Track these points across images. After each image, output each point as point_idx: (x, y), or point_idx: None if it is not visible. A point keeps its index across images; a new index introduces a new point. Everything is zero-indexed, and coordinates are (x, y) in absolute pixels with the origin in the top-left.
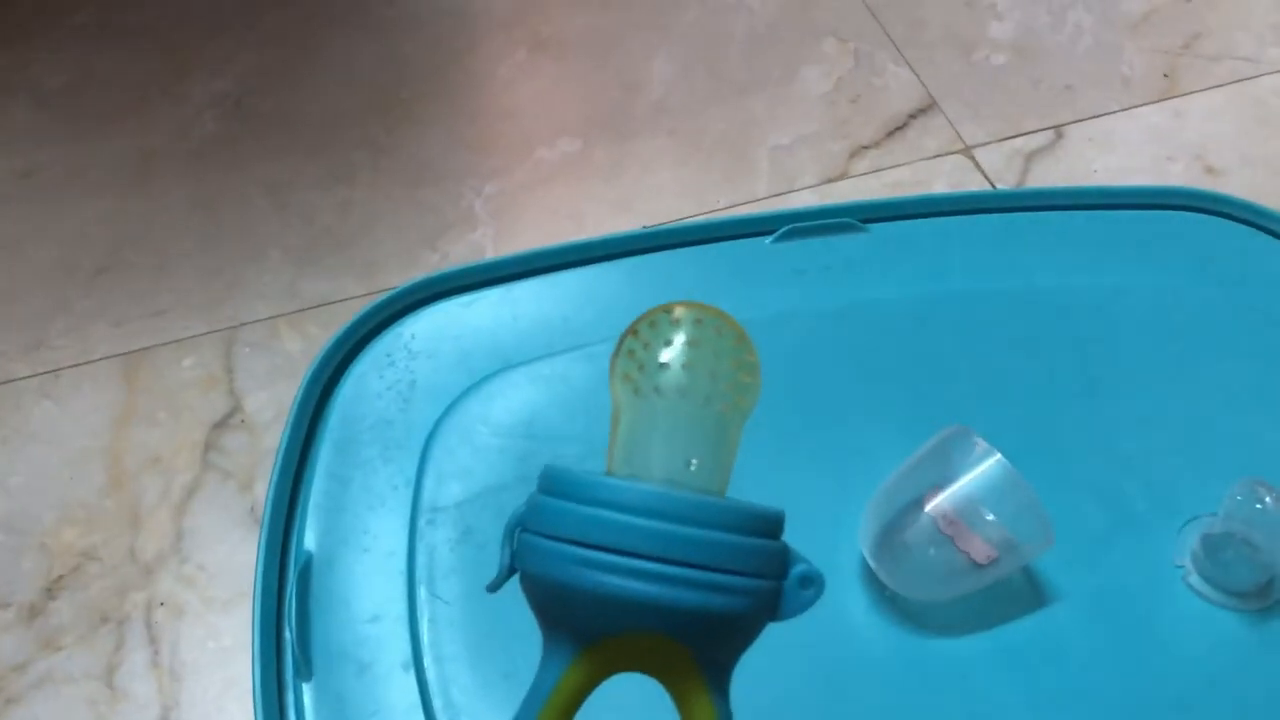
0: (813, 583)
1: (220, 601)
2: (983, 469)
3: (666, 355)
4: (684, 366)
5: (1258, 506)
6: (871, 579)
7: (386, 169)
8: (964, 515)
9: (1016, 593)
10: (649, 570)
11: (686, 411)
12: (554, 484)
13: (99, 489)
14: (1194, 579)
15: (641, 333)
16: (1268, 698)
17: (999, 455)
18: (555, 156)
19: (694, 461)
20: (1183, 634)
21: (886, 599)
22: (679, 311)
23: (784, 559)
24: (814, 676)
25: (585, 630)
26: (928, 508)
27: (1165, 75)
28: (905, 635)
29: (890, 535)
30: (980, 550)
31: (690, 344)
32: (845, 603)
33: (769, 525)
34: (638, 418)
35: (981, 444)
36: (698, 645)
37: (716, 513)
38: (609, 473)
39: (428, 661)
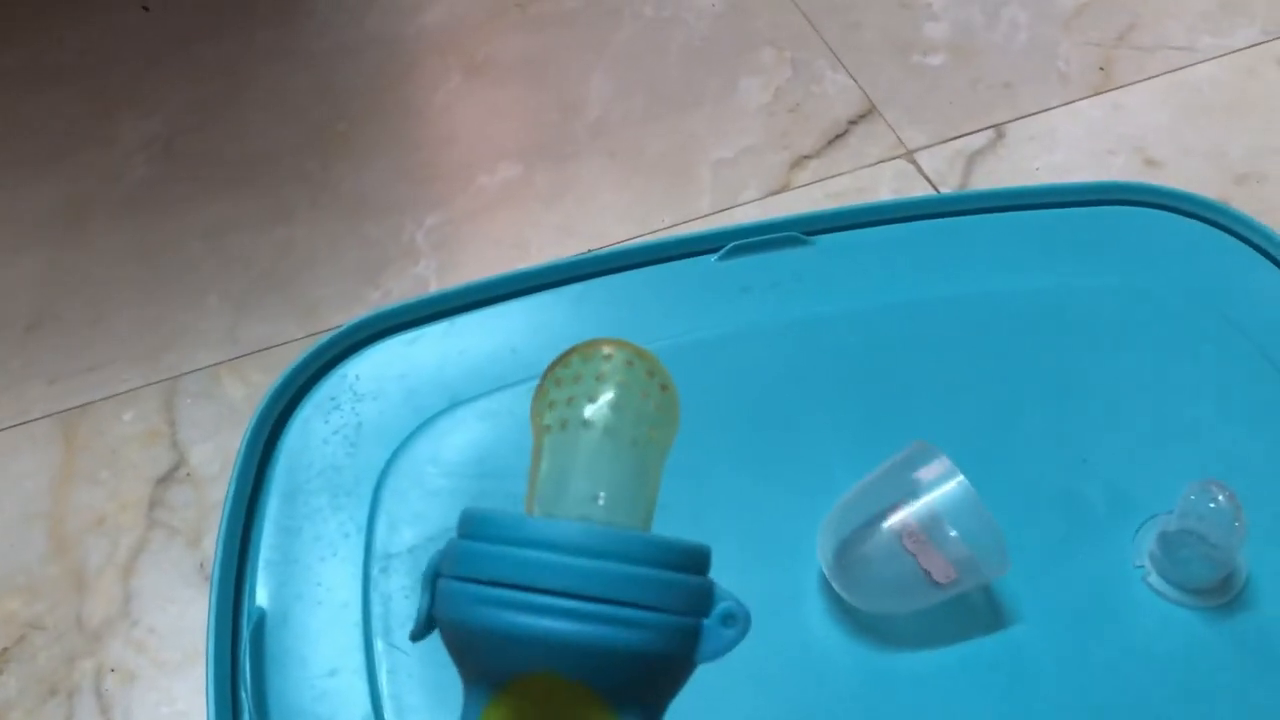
0: (736, 621)
1: (173, 664)
2: (946, 489)
3: (574, 392)
4: (590, 401)
5: (1211, 505)
6: (829, 593)
7: (325, 205)
8: (929, 532)
9: (976, 599)
10: (540, 604)
11: (595, 446)
12: (466, 526)
13: (41, 555)
14: (1153, 579)
15: (555, 372)
16: (1230, 693)
17: (961, 476)
18: (496, 183)
19: (602, 495)
20: (1145, 634)
21: (844, 612)
22: (590, 349)
23: (704, 596)
24: (770, 690)
25: (491, 672)
26: (891, 523)
27: (1101, 68)
28: (863, 648)
29: (850, 549)
30: (941, 569)
31: (598, 378)
32: (803, 617)
33: (684, 558)
34: (549, 455)
35: (945, 462)
36: (606, 687)
37: (620, 544)
38: (526, 513)
39: (388, 713)
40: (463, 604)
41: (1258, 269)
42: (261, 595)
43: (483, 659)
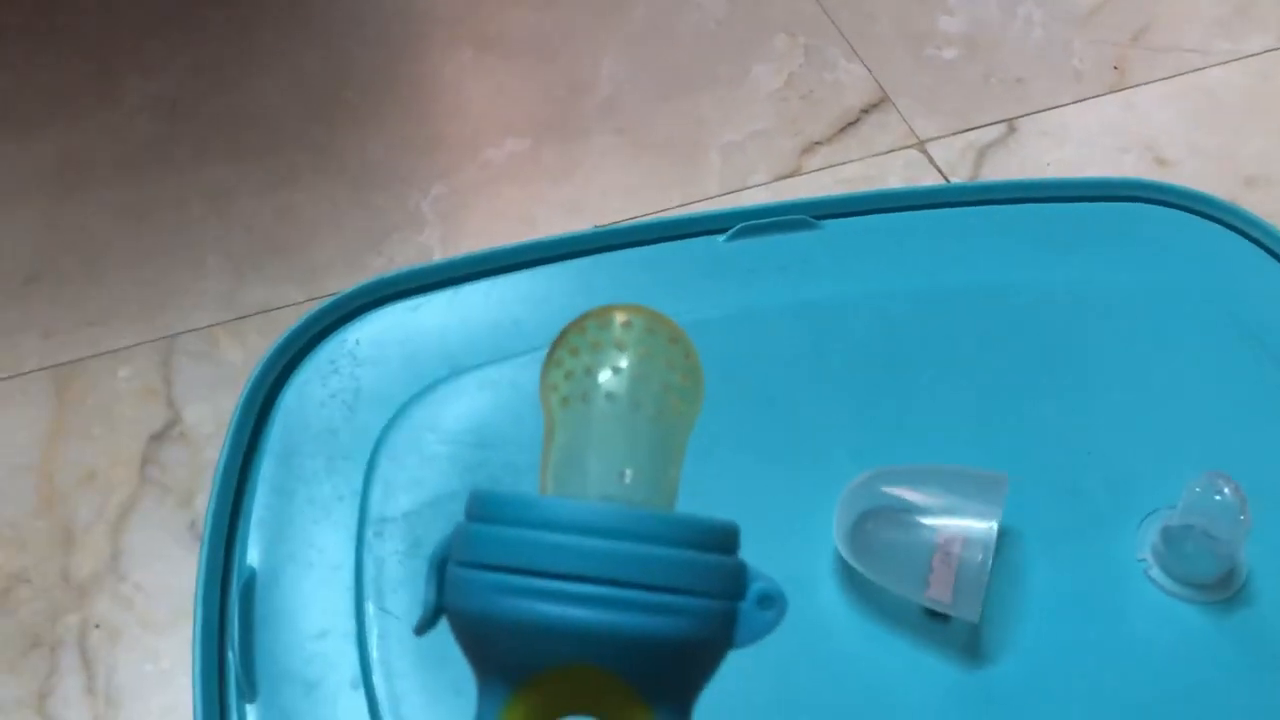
0: (774, 602)
1: (159, 622)
2: (985, 525)
3: (592, 360)
4: (612, 371)
5: (1216, 498)
6: (841, 574)
7: (330, 171)
8: (961, 561)
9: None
10: (572, 592)
11: (616, 419)
12: (476, 508)
13: (30, 508)
14: (1155, 572)
15: (569, 339)
16: (1231, 688)
17: (996, 523)
18: (503, 157)
19: (628, 473)
20: (1146, 627)
21: (855, 591)
22: (607, 315)
23: (738, 577)
24: (777, 667)
25: (513, 667)
26: (937, 525)
27: (1115, 67)
28: (874, 626)
29: (880, 519)
30: (943, 592)
31: (617, 347)
32: (814, 598)
33: (718, 538)
34: (567, 431)
35: (1001, 503)
36: (640, 679)
37: (651, 525)
38: (541, 493)
39: (377, 678)
40: (481, 593)
41: (1265, 269)
42: (252, 555)
43: (503, 653)
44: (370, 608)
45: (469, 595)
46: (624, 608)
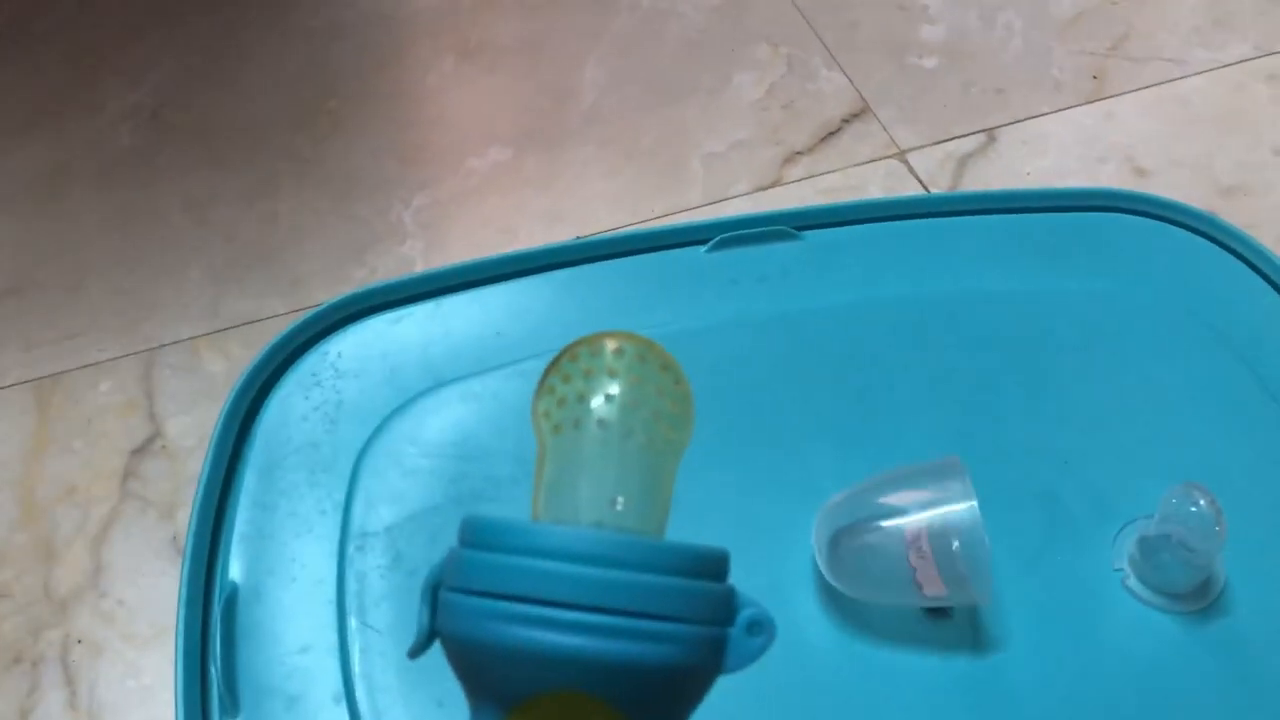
0: (763, 628)
1: (141, 638)
2: (960, 508)
3: (584, 387)
4: (604, 398)
5: (1192, 509)
6: (817, 585)
7: (312, 181)
8: (936, 551)
9: (941, 604)
10: (563, 619)
11: (607, 446)
12: (469, 533)
13: (10, 522)
14: (1132, 582)
15: (562, 366)
16: (1206, 697)
17: (974, 502)
18: (486, 166)
19: (619, 500)
20: (1123, 637)
21: (831, 603)
22: (598, 342)
23: (728, 603)
24: (755, 676)
25: (504, 692)
26: (903, 526)
27: (1094, 77)
28: (849, 638)
29: (850, 537)
30: (934, 586)
31: (609, 374)
32: (791, 611)
33: (708, 565)
34: (559, 457)
35: (968, 484)
36: (630, 705)
37: (641, 553)
38: (534, 520)
39: (360, 693)
40: (474, 619)
41: (1241, 278)
42: (234, 570)
43: (496, 677)
44: (352, 622)
45: (461, 620)
46: (614, 635)
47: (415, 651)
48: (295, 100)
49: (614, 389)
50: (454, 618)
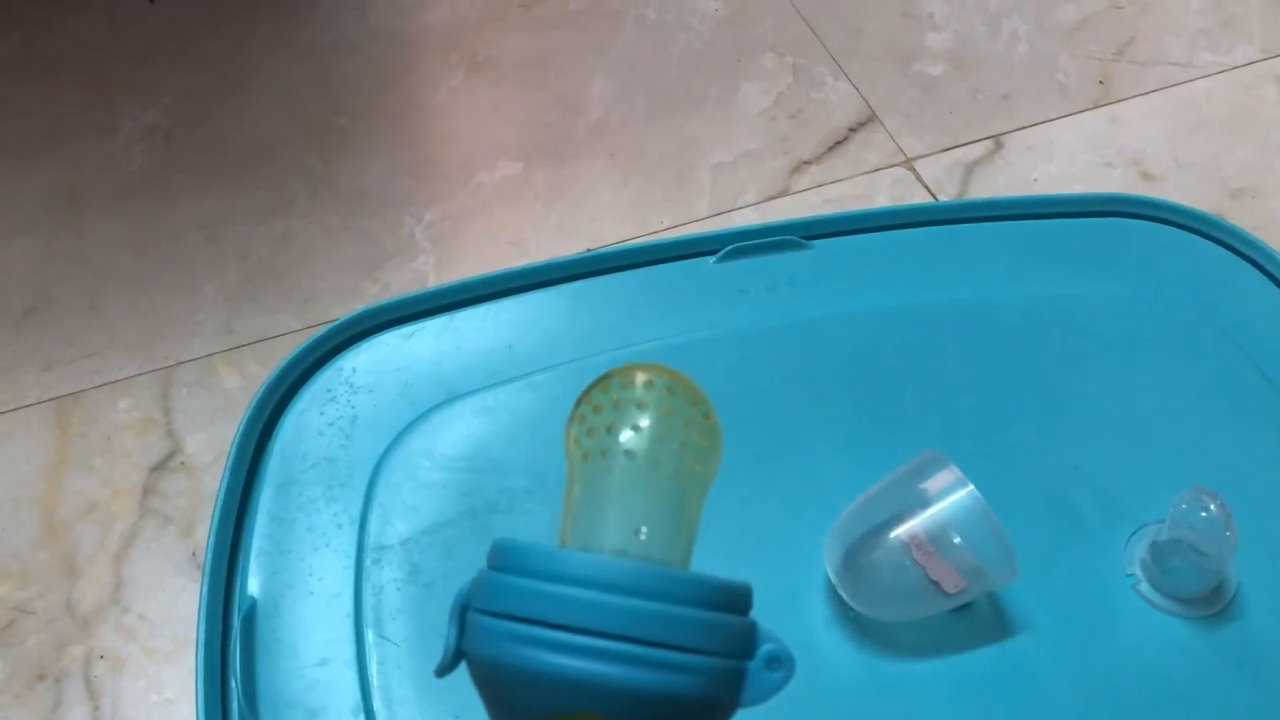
0: (781, 664)
1: (163, 652)
2: (955, 498)
3: (613, 419)
4: (632, 429)
5: (1203, 514)
6: (832, 597)
7: (324, 198)
8: (937, 542)
9: (972, 605)
10: (585, 646)
11: (635, 476)
12: (498, 557)
13: (33, 540)
14: (1144, 587)
15: (593, 396)
16: (1218, 703)
17: (971, 486)
18: (496, 180)
19: (644, 530)
20: (1135, 642)
21: (848, 617)
22: (630, 373)
23: (748, 637)
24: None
25: (525, 713)
26: (900, 532)
27: (1100, 82)
28: (862, 653)
29: (857, 556)
30: (950, 579)
31: (639, 406)
32: (809, 622)
33: (730, 599)
34: (587, 485)
35: (955, 472)
36: None
37: (665, 583)
38: (561, 545)
39: (377, 705)
40: (498, 641)
41: (1251, 282)
42: (253, 584)
43: (518, 699)
44: (370, 635)
45: (486, 642)
46: (635, 663)
47: (442, 670)
48: (306, 118)
49: (643, 421)
50: (479, 639)
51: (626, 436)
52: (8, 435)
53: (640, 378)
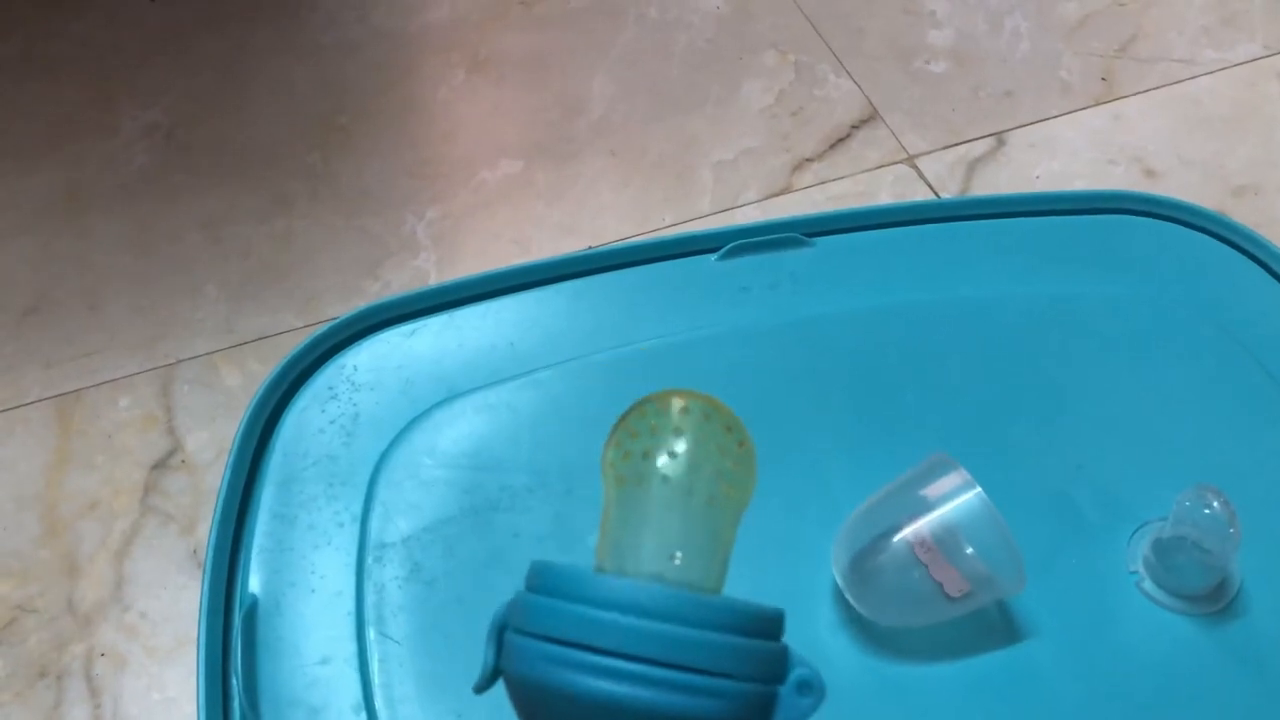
0: (812, 689)
1: (164, 650)
2: (962, 501)
3: (650, 444)
4: (668, 455)
5: (1206, 511)
6: (838, 601)
7: (325, 197)
8: (942, 545)
9: (976, 605)
10: (619, 669)
11: (670, 502)
12: (536, 579)
13: (34, 538)
14: (1148, 584)
15: (629, 422)
16: (1223, 700)
17: (979, 489)
18: (497, 179)
19: (679, 555)
20: (1139, 640)
21: (854, 621)
22: (666, 400)
23: (780, 662)
24: None
25: None
26: (904, 535)
27: (1103, 79)
28: (868, 656)
29: (864, 560)
30: (954, 583)
31: (674, 432)
32: (814, 626)
33: (762, 624)
34: (623, 509)
35: (963, 474)
36: None
37: (698, 609)
38: (597, 567)
39: (379, 703)
40: (535, 663)
41: (1254, 279)
42: (254, 582)
43: (551, 717)
44: (371, 633)
45: (521, 662)
46: (670, 688)
47: (480, 688)
48: (307, 117)
49: (678, 447)
50: (517, 659)
51: (663, 462)
52: (8, 434)
53: (676, 404)
